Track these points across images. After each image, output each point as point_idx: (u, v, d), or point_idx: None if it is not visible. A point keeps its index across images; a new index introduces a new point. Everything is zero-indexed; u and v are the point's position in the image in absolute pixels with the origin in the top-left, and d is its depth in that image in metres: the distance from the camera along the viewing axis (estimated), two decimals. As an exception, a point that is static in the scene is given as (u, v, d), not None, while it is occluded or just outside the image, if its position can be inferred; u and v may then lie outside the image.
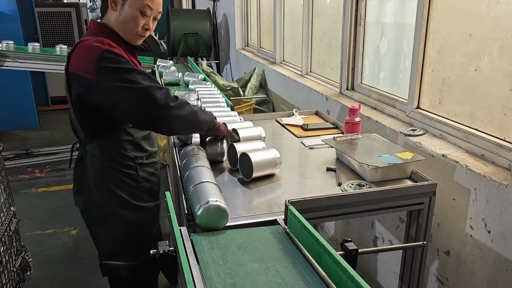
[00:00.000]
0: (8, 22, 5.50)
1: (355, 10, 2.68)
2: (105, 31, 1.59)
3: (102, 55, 1.45)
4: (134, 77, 1.45)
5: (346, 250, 1.16)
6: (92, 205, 1.70)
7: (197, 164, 1.48)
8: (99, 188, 1.67)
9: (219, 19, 6.90)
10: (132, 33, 1.62)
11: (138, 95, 1.44)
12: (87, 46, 1.50)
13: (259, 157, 1.61)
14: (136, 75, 1.46)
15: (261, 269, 1.02)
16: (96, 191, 1.67)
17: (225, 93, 4.36)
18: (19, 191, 3.94)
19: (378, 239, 2.38)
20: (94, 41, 1.49)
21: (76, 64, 1.51)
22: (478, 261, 1.68)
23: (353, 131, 1.99)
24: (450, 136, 1.92)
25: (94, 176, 1.67)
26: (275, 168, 1.65)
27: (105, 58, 1.45)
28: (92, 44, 1.49)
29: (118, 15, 1.58)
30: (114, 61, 1.46)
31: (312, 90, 3.13)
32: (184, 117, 1.51)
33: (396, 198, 1.52)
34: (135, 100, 1.45)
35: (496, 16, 1.67)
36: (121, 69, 1.45)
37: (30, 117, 5.89)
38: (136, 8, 1.56)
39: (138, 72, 1.48)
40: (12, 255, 2.42)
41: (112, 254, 1.75)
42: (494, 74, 1.70)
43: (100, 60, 1.45)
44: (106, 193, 1.67)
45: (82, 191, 1.71)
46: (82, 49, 1.51)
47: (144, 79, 1.47)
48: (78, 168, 1.73)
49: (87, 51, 1.49)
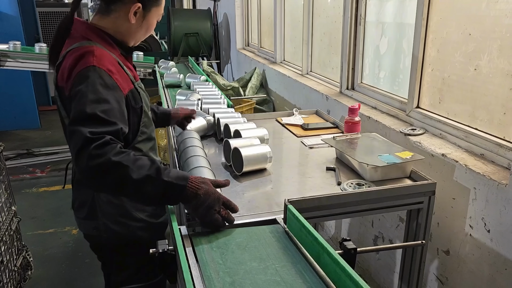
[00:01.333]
0: (10, 22, 5.51)
1: (355, 9, 2.69)
2: (100, 35, 1.42)
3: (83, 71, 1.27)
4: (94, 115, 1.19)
5: (344, 249, 1.16)
6: (109, 232, 1.51)
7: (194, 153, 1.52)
8: (116, 213, 1.50)
9: (220, 19, 6.90)
10: (140, 39, 1.52)
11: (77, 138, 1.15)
12: (76, 56, 1.31)
13: (249, 152, 1.63)
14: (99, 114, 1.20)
15: (260, 268, 1.02)
16: (113, 216, 1.50)
17: (226, 92, 4.37)
18: (20, 191, 3.95)
19: (378, 239, 2.38)
20: (84, 51, 1.31)
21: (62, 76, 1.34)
22: (477, 260, 1.68)
23: (353, 131, 1.99)
24: (450, 135, 1.92)
25: (108, 200, 1.48)
26: (266, 163, 1.66)
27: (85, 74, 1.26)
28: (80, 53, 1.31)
29: (132, 26, 1.44)
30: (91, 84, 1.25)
31: (313, 90, 3.13)
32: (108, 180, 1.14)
33: (396, 198, 1.52)
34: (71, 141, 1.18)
35: (496, 16, 1.67)
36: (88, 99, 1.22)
37: (31, 116, 5.90)
38: (155, 19, 1.49)
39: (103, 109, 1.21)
40: (13, 255, 2.43)
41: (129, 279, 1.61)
42: (494, 74, 1.71)
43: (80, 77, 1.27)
44: (123, 217, 1.51)
45: (94, 217, 1.51)
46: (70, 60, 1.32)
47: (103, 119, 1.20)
48: (82, 191, 1.52)
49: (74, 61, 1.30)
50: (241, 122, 2.04)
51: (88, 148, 1.12)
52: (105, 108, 1.21)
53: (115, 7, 1.40)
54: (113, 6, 1.40)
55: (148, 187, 1.14)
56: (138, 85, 1.47)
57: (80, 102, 1.21)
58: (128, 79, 1.42)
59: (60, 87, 1.35)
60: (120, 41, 1.47)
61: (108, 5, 1.41)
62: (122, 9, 1.40)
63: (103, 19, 1.44)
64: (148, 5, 1.43)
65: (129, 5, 1.39)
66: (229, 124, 1.95)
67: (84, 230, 1.59)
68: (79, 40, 1.37)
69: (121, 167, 1.12)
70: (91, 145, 1.12)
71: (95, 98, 1.21)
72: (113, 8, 1.41)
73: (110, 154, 1.12)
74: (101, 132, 1.16)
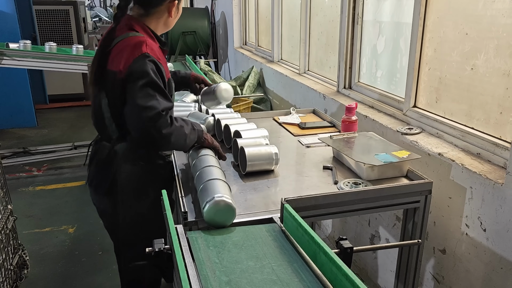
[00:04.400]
0: (6, 20, 5.48)
1: (353, 8, 2.69)
2: (145, 29, 1.62)
3: (139, 58, 1.49)
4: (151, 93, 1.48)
5: (341, 248, 1.16)
6: (126, 208, 1.66)
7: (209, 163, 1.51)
8: (134, 190, 1.65)
9: (217, 18, 6.89)
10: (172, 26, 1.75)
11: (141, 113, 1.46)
12: (130, 44, 1.52)
13: (254, 152, 1.63)
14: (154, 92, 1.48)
15: (256, 267, 1.02)
16: (131, 193, 1.65)
17: (223, 91, 4.35)
18: (17, 189, 3.93)
19: (375, 238, 2.39)
20: (138, 40, 1.53)
21: (115, 60, 1.53)
22: (473, 259, 1.68)
23: (350, 130, 1.99)
24: (447, 134, 1.92)
25: (127, 178, 1.64)
26: (272, 165, 1.66)
27: (141, 62, 1.49)
28: (135, 42, 1.52)
29: (169, 18, 1.67)
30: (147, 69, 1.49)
31: (310, 89, 3.13)
32: (173, 143, 1.54)
33: (392, 197, 1.53)
34: (135, 117, 1.48)
35: (492, 15, 1.68)
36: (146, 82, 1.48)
37: (27, 115, 5.87)
38: (181, 5, 1.71)
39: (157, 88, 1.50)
40: (9, 253, 2.42)
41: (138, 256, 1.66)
42: (490, 73, 1.71)
43: (136, 62, 1.49)
44: (140, 195, 1.66)
45: (112, 193, 1.66)
46: (124, 46, 1.53)
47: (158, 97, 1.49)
48: (102, 169, 1.69)
49: (129, 48, 1.51)
50: (242, 122, 2.03)
51: (164, 120, 1.47)
52: (160, 89, 1.50)
53: (155, 10, 1.63)
54: (152, 10, 1.62)
55: (192, 136, 1.60)
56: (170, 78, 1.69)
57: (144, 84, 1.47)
58: (167, 69, 1.65)
59: (110, 70, 1.55)
60: (158, 36, 1.68)
61: (147, 10, 1.62)
62: (163, 10, 1.64)
63: (143, 17, 1.63)
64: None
65: (168, 5, 1.63)
66: (230, 124, 1.94)
67: (102, 207, 1.75)
68: (126, 30, 1.58)
69: (181, 127, 1.54)
70: (166, 118, 1.47)
71: (150, 81, 1.48)
72: (152, 11, 1.63)
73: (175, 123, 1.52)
74: (168, 108, 1.50)
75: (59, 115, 6.32)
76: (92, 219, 3.35)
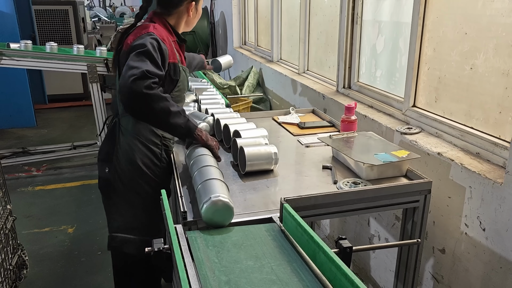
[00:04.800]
0: (5, 20, 5.48)
1: (352, 8, 2.69)
2: (164, 22, 1.79)
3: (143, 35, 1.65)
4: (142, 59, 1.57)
5: (340, 248, 1.16)
6: (116, 175, 1.79)
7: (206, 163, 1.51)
8: (126, 159, 1.77)
9: (217, 17, 6.89)
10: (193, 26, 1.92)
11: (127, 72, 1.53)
12: (141, 27, 1.73)
13: (254, 152, 1.63)
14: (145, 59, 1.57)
15: (256, 267, 1.02)
16: (122, 162, 1.77)
17: (222, 91, 4.36)
18: (16, 190, 3.93)
19: (374, 237, 2.39)
20: (146, 25, 1.73)
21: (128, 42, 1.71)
22: (473, 258, 1.68)
23: (349, 129, 1.99)
24: (446, 134, 1.92)
25: (123, 148, 1.77)
26: (271, 164, 1.66)
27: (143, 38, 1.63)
28: (145, 25, 1.73)
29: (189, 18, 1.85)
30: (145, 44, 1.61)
31: (309, 89, 3.13)
32: (154, 111, 1.55)
33: (392, 196, 1.53)
34: (122, 76, 1.55)
35: (492, 15, 1.68)
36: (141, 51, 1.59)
37: (27, 115, 5.86)
38: (200, 6, 1.89)
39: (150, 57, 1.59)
40: (8, 254, 2.42)
41: (125, 227, 1.82)
42: (490, 73, 1.71)
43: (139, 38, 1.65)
44: (131, 165, 1.77)
45: (108, 160, 1.80)
46: (136, 31, 1.73)
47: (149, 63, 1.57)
48: (108, 139, 1.84)
49: (138, 30, 1.73)
50: (241, 122, 2.03)
51: (147, 80, 1.50)
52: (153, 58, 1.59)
53: (175, 11, 1.81)
54: (173, 10, 1.80)
55: (177, 119, 1.59)
56: (182, 67, 1.82)
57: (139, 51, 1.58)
58: (175, 55, 1.77)
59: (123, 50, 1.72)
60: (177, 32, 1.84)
61: (169, 10, 1.80)
62: (181, 11, 1.82)
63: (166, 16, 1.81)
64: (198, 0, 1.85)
65: (187, 5, 1.81)
66: (229, 124, 1.94)
67: (100, 173, 1.86)
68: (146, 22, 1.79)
69: (165, 101, 1.55)
70: (150, 80, 1.51)
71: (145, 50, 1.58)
72: (173, 12, 1.81)
73: (159, 91, 1.54)
74: (155, 73, 1.55)
75: (58, 115, 6.32)
76: (91, 219, 3.35)
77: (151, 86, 1.51)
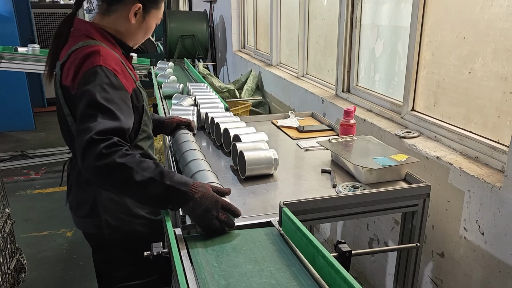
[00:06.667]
0: (4, 23, 5.49)
1: (351, 12, 2.70)
2: (103, 34, 1.46)
3: (90, 71, 1.29)
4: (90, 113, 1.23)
5: (339, 252, 1.16)
6: (111, 229, 1.55)
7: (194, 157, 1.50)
8: (118, 209, 1.54)
9: (216, 21, 6.91)
10: (139, 41, 1.58)
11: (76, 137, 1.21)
12: (82, 56, 1.34)
13: (254, 157, 1.62)
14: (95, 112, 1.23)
15: (255, 271, 1.02)
16: (115, 213, 1.54)
17: (222, 95, 4.37)
18: (14, 193, 3.92)
19: (374, 241, 2.38)
20: (90, 51, 1.34)
21: (69, 74, 1.35)
22: (472, 262, 1.68)
23: (348, 133, 2.00)
24: (445, 138, 1.93)
25: (105, 196, 1.51)
26: (271, 169, 1.66)
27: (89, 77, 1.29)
28: (87, 53, 1.34)
29: (132, 26, 1.49)
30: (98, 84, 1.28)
31: (308, 92, 3.14)
32: (116, 182, 1.17)
33: (391, 200, 1.52)
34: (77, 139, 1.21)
35: (490, 19, 1.69)
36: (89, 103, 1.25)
37: (25, 118, 5.87)
38: (154, 22, 1.55)
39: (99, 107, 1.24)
40: (6, 257, 2.41)
41: (130, 275, 1.64)
42: (488, 77, 1.72)
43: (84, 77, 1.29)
44: (125, 214, 1.55)
45: (95, 215, 1.54)
46: (77, 59, 1.34)
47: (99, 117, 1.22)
48: (83, 190, 1.54)
49: (80, 61, 1.33)
50: (241, 126, 2.02)
51: (96, 147, 1.14)
52: (112, 107, 1.25)
53: (116, 7, 1.45)
54: (114, 7, 1.45)
55: (150, 189, 1.16)
56: (138, 85, 1.52)
57: (87, 104, 1.24)
58: (131, 78, 1.46)
59: (64, 85, 1.38)
60: (121, 41, 1.51)
61: (110, 6, 1.45)
62: (123, 10, 1.45)
63: (104, 19, 1.48)
64: (148, 6, 1.48)
65: (130, 5, 1.44)
66: (229, 128, 1.93)
67: (84, 229, 1.62)
68: (82, 39, 1.40)
69: (125, 169, 1.14)
70: (99, 145, 1.15)
71: (92, 100, 1.24)
72: (114, 9, 1.45)
73: (116, 156, 1.15)
74: (108, 131, 1.19)
75: (57, 118, 6.30)
76: (90, 223, 3.34)
77: (102, 153, 1.14)
